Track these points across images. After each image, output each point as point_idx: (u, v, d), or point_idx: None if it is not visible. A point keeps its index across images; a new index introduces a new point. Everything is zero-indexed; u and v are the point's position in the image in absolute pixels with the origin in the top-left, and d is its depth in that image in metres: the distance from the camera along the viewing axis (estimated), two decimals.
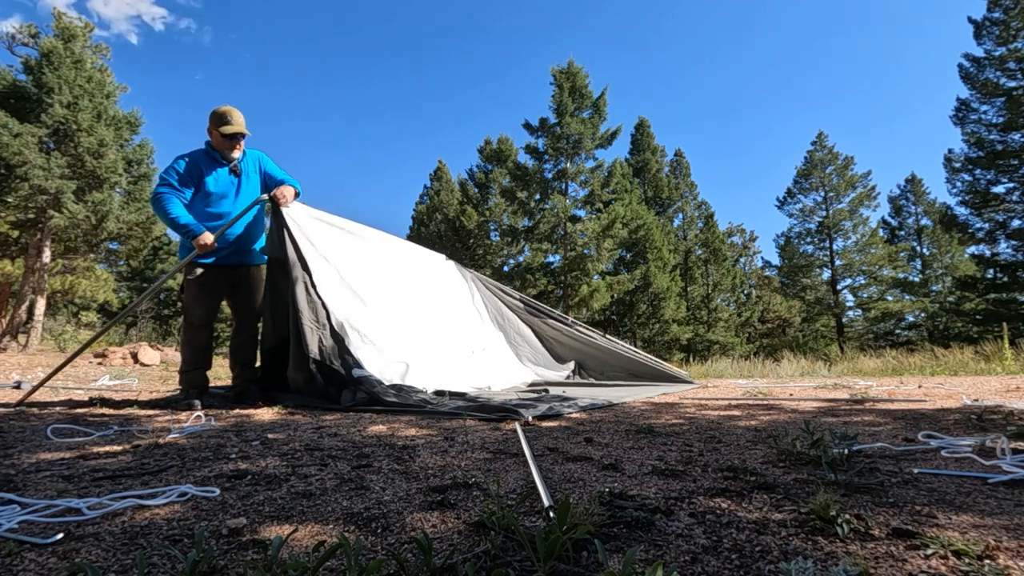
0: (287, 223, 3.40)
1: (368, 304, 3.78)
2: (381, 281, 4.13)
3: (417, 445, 1.86)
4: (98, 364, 7.07)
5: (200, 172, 3.01)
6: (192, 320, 3.11)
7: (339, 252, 3.81)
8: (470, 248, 25.04)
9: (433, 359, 3.98)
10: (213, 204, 3.07)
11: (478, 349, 4.77)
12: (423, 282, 4.75)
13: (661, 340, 21.72)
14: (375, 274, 4.13)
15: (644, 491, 1.24)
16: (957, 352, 8.20)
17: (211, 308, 3.14)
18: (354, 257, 3.98)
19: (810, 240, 26.60)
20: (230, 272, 3.16)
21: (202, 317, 3.11)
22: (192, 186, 3.01)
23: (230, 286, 3.20)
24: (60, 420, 2.43)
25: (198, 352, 3.13)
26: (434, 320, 4.48)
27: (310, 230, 3.60)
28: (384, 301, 3.99)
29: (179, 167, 2.97)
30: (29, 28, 13.32)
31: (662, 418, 2.58)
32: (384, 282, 4.17)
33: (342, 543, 0.77)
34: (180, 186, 2.97)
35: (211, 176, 3.05)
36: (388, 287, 4.17)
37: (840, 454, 1.54)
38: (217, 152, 3.08)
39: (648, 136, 26.64)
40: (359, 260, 4.03)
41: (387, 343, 3.65)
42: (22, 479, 1.38)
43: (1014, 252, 17.91)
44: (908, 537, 0.93)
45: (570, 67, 19.13)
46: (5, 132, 10.84)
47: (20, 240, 12.68)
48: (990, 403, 2.87)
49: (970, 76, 18.31)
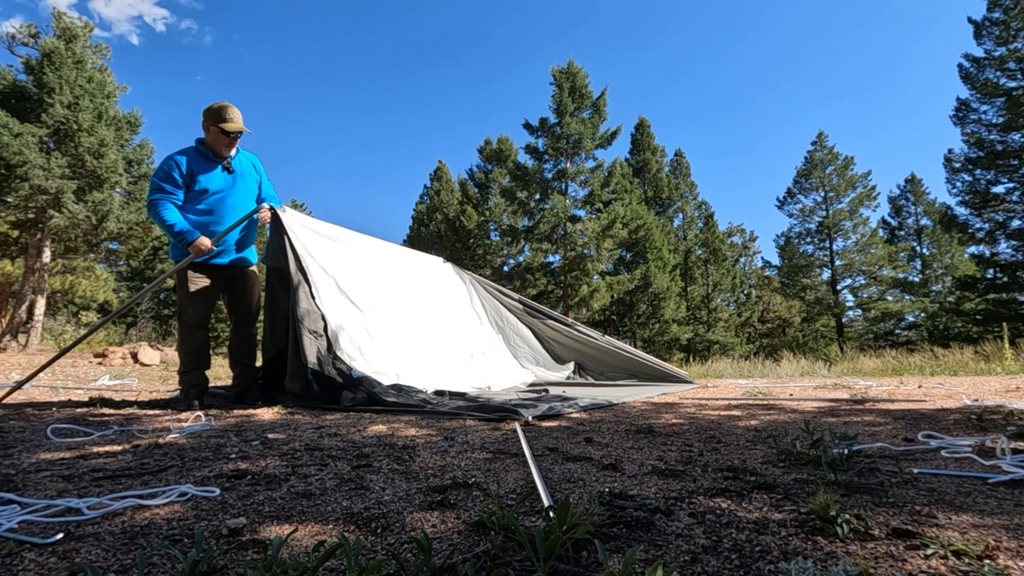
0: (287, 232, 3.41)
1: (366, 313, 3.80)
2: (378, 290, 4.15)
3: (417, 445, 1.86)
4: (98, 364, 7.07)
5: (192, 171, 2.96)
6: (187, 321, 3.08)
7: (337, 262, 3.82)
8: (470, 248, 25.04)
9: (431, 367, 3.99)
10: (207, 202, 3.02)
11: (477, 353, 4.77)
12: (421, 288, 4.75)
13: (661, 340, 21.72)
14: (372, 283, 4.14)
15: (644, 491, 1.24)
16: (957, 352, 8.19)
17: (206, 308, 3.12)
18: (351, 267, 4.00)
19: (810, 240, 26.60)
20: (222, 271, 3.15)
21: (196, 318, 3.08)
22: (184, 187, 2.96)
23: (224, 286, 3.19)
24: (60, 420, 2.43)
25: (194, 352, 3.11)
26: (432, 326, 4.49)
27: (308, 241, 3.61)
28: (382, 310, 4.00)
29: (170, 169, 2.92)
30: (29, 28, 13.32)
31: (662, 418, 2.58)
32: (381, 290, 4.18)
33: (342, 543, 0.77)
34: (173, 189, 2.92)
35: (204, 175, 2.99)
36: (385, 295, 4.19)
37: (840, 454, 1.54)
38: (209, 150, 3.02)
39: (648, 136, 26.64)
40: (356, 270, 4.04)
41: (385, 352, 3.66)
42: (22, 479, 1.38)
43: (1014, 252, 17.92)
44: (908, 537, 0.93)
45: (570, 67, 19.14)
46: (5, 132, 10.85)
47: (20, 240, 12.68)
48: (990, 403, 2.87)
49: (970, 76, 18.31)
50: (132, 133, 14.03)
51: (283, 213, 3.45)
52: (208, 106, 3.02)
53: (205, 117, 3.00)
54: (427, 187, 32.15)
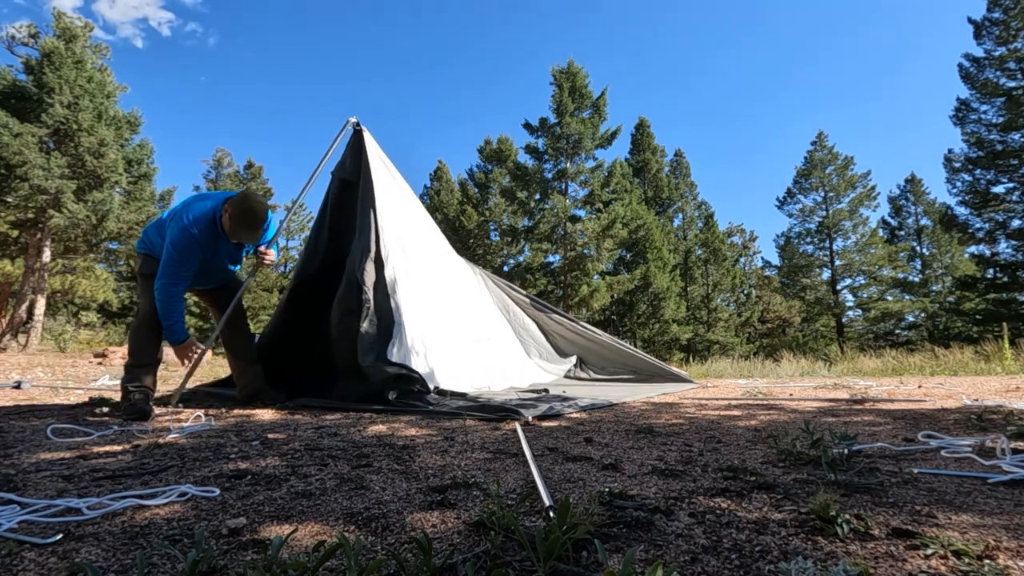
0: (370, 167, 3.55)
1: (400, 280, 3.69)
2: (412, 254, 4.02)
3: (417, 445, 1.86)
4: (98, 364, 7.07)
5: (204, 253, 2.80)
6: (146, 313, 2.83)
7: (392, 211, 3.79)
8: (470, 248, 25.05)
9: (443, 344, 3.92)
10: (208, 267, 2.90)
11: (484, 338, 4.75)
12: (439, 262, 4.63)
13: (661, 340, 21.73)
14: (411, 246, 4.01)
15: (644, 491, 1.24)
16: (957, 352, 8.20)
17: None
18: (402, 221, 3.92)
19: (810, 240, 26.60)
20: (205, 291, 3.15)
21: (153, 313, 2.80)
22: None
23: (210, 297, 3.17)
24: (60, 420, 2.43)
25: (145, 347, 2.85)
26: (445, 303, 4.37)
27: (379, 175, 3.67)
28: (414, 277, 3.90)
29: (190, 255, 2.72)
30: (29, 28, 13.32)
31: (662, 418, 2.58)
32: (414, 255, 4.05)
33: (342, 543, 0.77)
34: (190, 275, 2.77)
35: (212, 251, 2.85)
36: (415, 260, 4.06)
37: (840, 454, 1.54)
38: (222, 230, 2.84)
39: (648, 136, 26.65)
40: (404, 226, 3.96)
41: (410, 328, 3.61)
42: (22, 479, 1.38)
43: (1014, 252, 17.92)
44: (908, 537, 0.93)
45: (570, 67, 19.15)
46: (5, 132, 10.85)
47: (20, 240, 12.68)
48: (990, 403, 2.87)
49: (970, 76, 18.31)
50: (132, 133, 14.05)
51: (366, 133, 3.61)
52: (244, 201, 2.77)
53: (231, 206, 2.77)
54: (427, 187, 32.11)
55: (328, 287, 3.45)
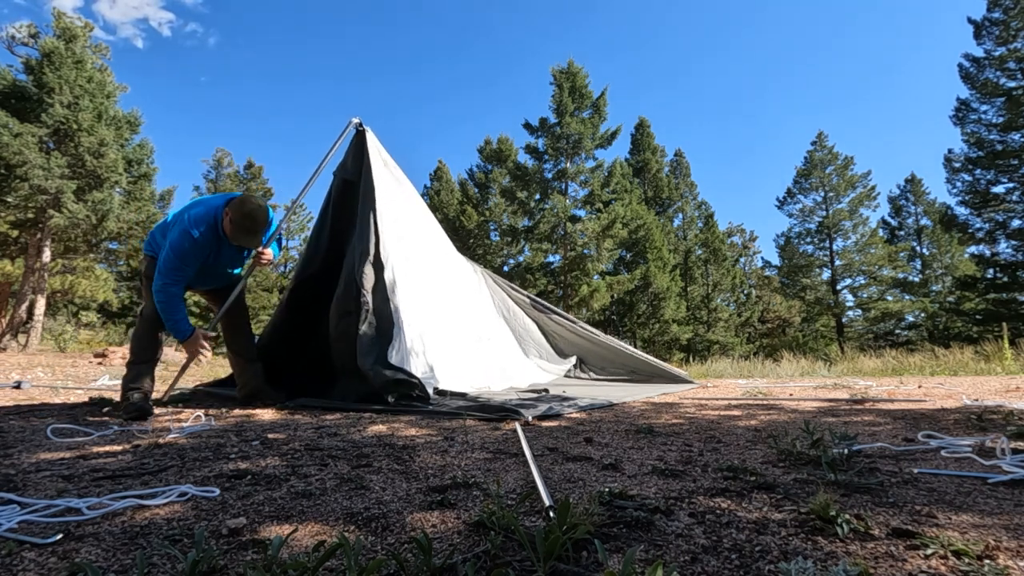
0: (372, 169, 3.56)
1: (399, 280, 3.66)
2: (410, 252, 3.98)
3: (417, 445, 1.86)
4: (98, 364, 7.07)
5: (206, 255, 2.80)
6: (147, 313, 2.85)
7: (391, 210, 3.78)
8: (470, 248, 25.04)
9: (443, 343, 3.91)
10: (210, 270, 2.91)
11: (484, 338, 4.75)
12: (439, 260, 4.60)
13: (661, 340, 21.73)
14: (408, 244, 3.98)
15: (644, 491, 1.24)
16: (957, 352, 8.20)
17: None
18: (399, 221, 3.89)
19: (810, 240, 26.60)
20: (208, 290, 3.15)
21: (155, 314, 2.81)
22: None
23: (211, 296, 3.17)
24: (60, 420, 2.43)
25: (146, 348, 2.87)
26: (446, 302, 4.35)
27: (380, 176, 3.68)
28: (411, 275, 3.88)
29: (190, 256, 2.71)
30: (29, 28, 13.31)
31: (662, 418, 2.58)
32: (412, 253, 4.02)
33: (342, 543, 0.77)
34: (188, 276, 2.77)
35: (214, 254, 2.85)
36: (414, 259, 4.03)
37: (840, 454, 1.54)
38: (224, 233, 2.83)
39: (648, 136, 26.65)
40: (401, 224, 3.91)
41: (410, 327, 3.59)
42: (22, 479, 1.38)
43: (1014, 252, 17.92)
44: (908, 537, 0.93)
45: (570, 67, 19.14)
46: (5, 132, 10.85)
47: (20, 240, 12.68)
48: (990, 403, 2.87)
49: (970, 76, 18.31)
50: (132, 133, 14.04)
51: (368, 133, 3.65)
52: (244, 205, 2.76)
53: (231, 209, 2.76)
54: (427, 187, 32.09)
55: (329, 287, 3.44)
